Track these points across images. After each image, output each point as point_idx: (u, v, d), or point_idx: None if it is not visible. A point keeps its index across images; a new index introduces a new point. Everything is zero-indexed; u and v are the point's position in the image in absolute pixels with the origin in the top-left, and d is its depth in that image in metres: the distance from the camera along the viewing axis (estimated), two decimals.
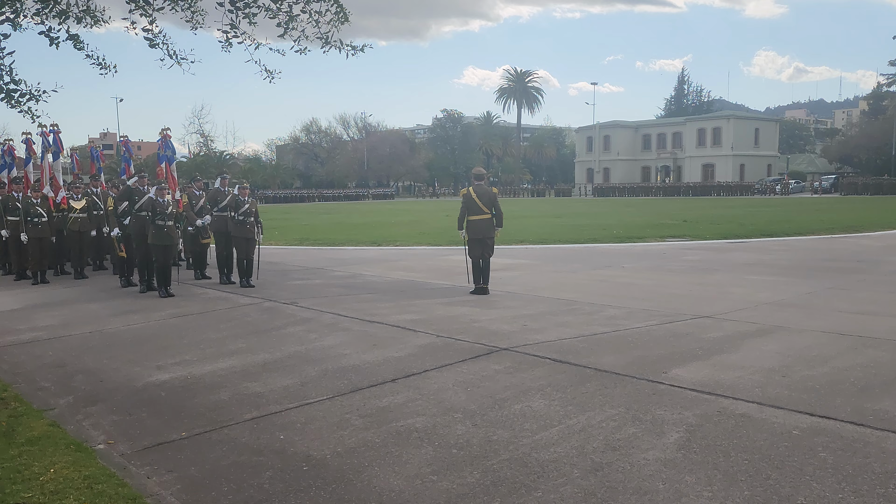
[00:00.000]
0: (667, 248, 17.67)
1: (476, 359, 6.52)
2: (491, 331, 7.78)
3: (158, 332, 8.33)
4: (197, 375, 6.33)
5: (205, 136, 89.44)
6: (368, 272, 13.70)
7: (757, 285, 10.94)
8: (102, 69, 6.27)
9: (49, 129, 14.52)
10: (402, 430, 4.74)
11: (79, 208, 13.83)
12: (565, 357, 6.45)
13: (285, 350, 7.17)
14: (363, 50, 6.62)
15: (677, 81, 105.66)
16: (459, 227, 11.04)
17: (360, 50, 6.60)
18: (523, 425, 4.72)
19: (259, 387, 5.89)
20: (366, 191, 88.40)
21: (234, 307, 9.87)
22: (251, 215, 11.76)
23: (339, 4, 6.24)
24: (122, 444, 4.70)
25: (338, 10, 6.26)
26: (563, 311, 9.00)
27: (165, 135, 14.85)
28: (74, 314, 9.77)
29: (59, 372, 6.67)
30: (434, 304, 9.75)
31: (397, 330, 7.96)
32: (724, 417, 4.73)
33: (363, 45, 6.60)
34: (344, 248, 19.49)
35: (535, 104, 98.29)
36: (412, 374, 6.09)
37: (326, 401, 5.45)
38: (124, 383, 6.20)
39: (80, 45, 6.04)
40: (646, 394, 5.29)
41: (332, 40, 6.51)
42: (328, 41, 6.51)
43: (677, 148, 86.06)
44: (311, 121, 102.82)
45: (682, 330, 7.65)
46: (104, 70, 6.27)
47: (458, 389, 5.59)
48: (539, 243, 19.48)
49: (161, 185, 11.22)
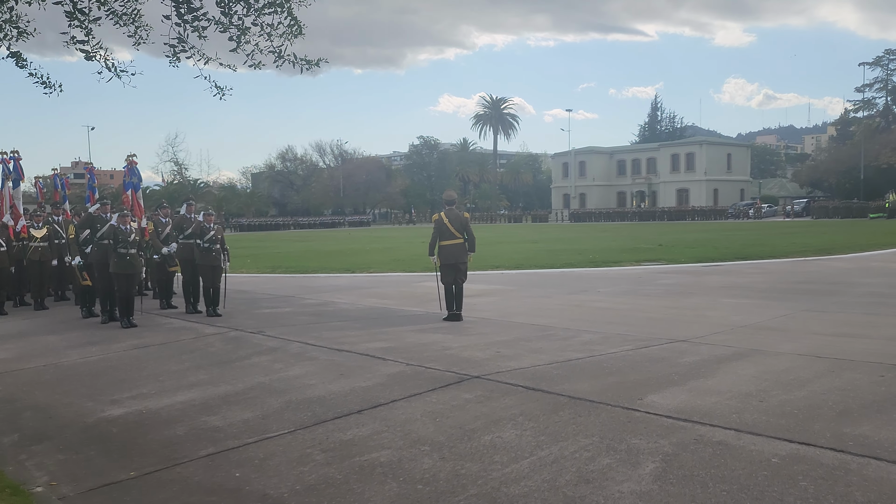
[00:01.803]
0: (642, 272, 17.61)
1: (446, 388, 6.29)
2: (463, 358, 7.56)
3: (117, 365, 7.99)
4: (153, 410, 6.02)
5: (179, 164, 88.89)
6: (340, 300, 13.43)
7: (732, 308, 10.86)
8: (46, 88, 6.03)
9: (9, 157, 14.14)
10: (366, 465, 4.48)
11: (39, 237, 13.44)
12: (538, 384, 6.24)
13: (248, 381, 6.88)
14: (318, 64, 6.42)
15: (651, 108, 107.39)
16: (430, 252, 10.85)
17: (314, 64, 6.41)
18: (493, 457, 4.50)
19: (218, 420, 5.60)
20: (342, 218, 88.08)
21: (198, 337, 9.55)
22: (217, 242, 11.47)
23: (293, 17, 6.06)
24: (65, 485, 4.39)
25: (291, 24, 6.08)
26: (538, 337, 8.81)
27: (131, 161, 14.52)
28: (31, 347, 9.37)
29: (6, 408, 6.32)
30: (405, 332, 9.51)
31: (366, 358, 7.71)
32: (701, 446, 4.54)
33: (318, 60, 6.41)
34: (317, 276, 19.19)
35: (511, 131, 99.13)
36: (379, 404, 5.84)
37: (287, 434, 5.18)
38: (75, 419, 5.87)
39: (22, 62, 5.79)
40: (621, 422, 5.10)
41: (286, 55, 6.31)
42: (281, 55, 6.31)
43: (652, 173, 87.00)
44: (286, 148, 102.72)
45: (657, 354, 7.49)
46: (48, 89, 6.03)
47: (426, 420, 5.35)
48: (515, 268, 19.34)
49: (123, 213, 10.90)
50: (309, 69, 6.37)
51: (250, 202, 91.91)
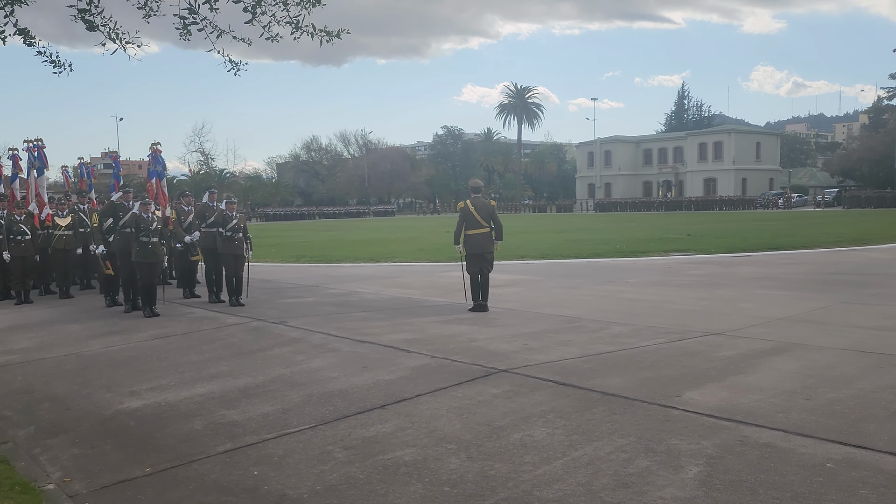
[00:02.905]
0: (671, 262, 17.20)
1: (472, 382, 6.05)
2: (489, 351, 7.31)
3: (137, 355, 7.86)
4: (171, 402, 5.86)
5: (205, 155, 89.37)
6: (364, 289, 13.24)
7: (767, 300, 10.48)
8: (56, 67, 5.86)
9: (34, 144, 14.13)
10: (390, 465, 4.26)
11: (64, 225, 13.41)
12: (568, 379, 5.98)
13: (269, 373, 6.70)
14: (339, 35, 6.13)
15: (677, 96, 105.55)
16: (456, 241, 10.60)
17: (335, 35, 6.11)
18: (523, 458, 4.25)
19: (237, 415, 5.42)
20: (366, 208, 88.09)
21: (219, 327, 9.41)
22: (239, 231, 11.32)
23: None
24: (78, 481, 4.23)
25: None
26: (566, 329, 8.53)
27: (155, 150, 14.47)
28: (53, 336, 9.30)
29: (24, 399, 6.21)
30: (430, 323, 9.28)
31: (390, 351, 7.50)
32: (746, 448, 4.25)
33: (339, 31, 6.11)
34: (341, 265, 19.04)
35: (536, 120, 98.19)
36: (403, 399, 5.62)
37: (308, 430, 4.97)
38: (92, 411, 5.73)
39: (30, 40, 5.60)
40: (658, 420, 4.82)
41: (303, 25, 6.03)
42: (298, 26, 6.03)
43: (679, 162, 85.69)
44: (311, 138, 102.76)
45: (692, 348, 7.18)
46: (58, 69, 5.85)
47: (452, 416, 5.11)
48: (540, 258, 19.03)
49: (145, 201, 10.79)
50: (329, 40, 6.09)
51: (276, 192, 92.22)
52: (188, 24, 5.75)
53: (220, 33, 5.97)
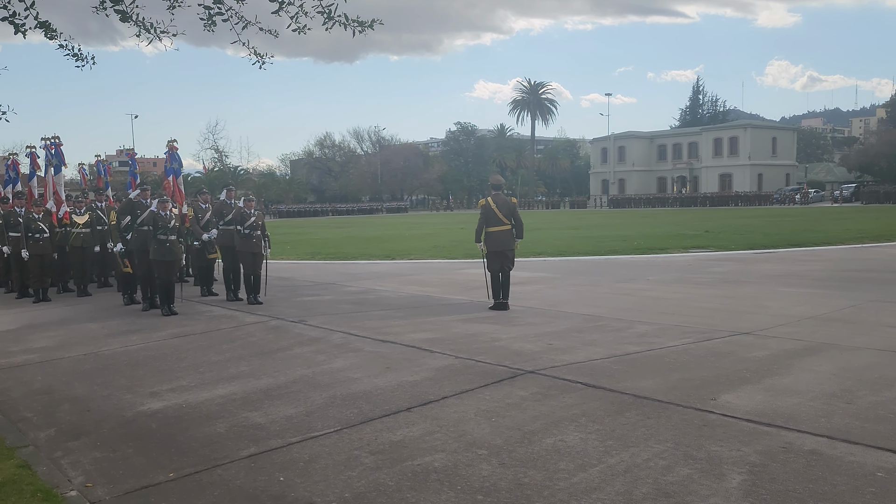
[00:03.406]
0: (691, 259, 16.98)
1: (499, 383, 5.91)
2: (514, 351, 7.17)
3: (157, 355, 7.78)
4: (193, 404, 5.76)
5: (219, 152, 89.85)
6: (381, 287, 13.13)
7: (793, 298, 10.27)
8: (78, 61, 5.75)
9: (51, 142, 14.11)
10: (419, 471, 4.14)
11: (82, 223, 13.39)
12: (598, 381, 5.82)
13: (290, 374, 6.59)
14: (372, 27, 5.96)
15: (692, 91, 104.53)
16: (477, 239, 10.46)
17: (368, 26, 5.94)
18: (558, 465, 4.11)
19: (259, 417, 5.31)
20: (380, 204, 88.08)
21: (238, 326, 9.32)
22: (257, 228, 11.23)
23: None
24: (100, 487, 4.13)
25: None
26: (590, 328, 8.38)
27: (172, 147, 14.37)
28: (71, 335, 9.25)
29: (44, 400, 6.13)
30: (451, 322, 9.15)
31: (412, 350, 7.37)
32: (791, 455, 4.09)
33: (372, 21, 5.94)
34: (357, 262, 18.95)
35: (549, 116, 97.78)
36: (429, 401, 5.49)
37: (333, 434, 4.85)
38: (113, 413, 5.64)
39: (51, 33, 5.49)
40: (695, 425, 4.66)
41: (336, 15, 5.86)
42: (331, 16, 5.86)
43: (693, 158, 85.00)
44: (324, 135, 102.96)
45: (722, 348, 7.00)
46: (80, 62, 5.75)
47: (480, 420, 4.98)
48: (558, 255, 18.86)
49: (163, 198, 10.72)
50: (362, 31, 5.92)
51: (289, 189, 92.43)
52: (213, 14, 5.60)
53: (245, 24, 5.82)
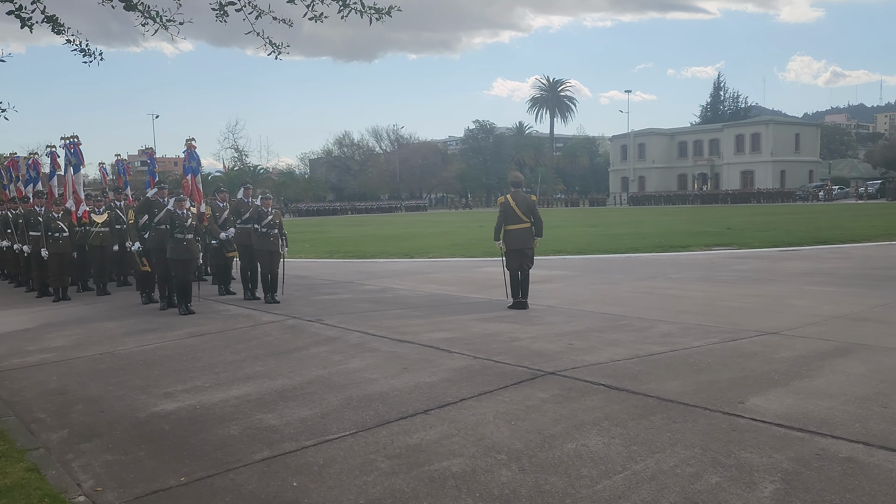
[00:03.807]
0: (714, 257, 16.69)
1: (519, 385, 5.76)
2: (533, 351, 7.01)
3: (172, 354, 7.72)
4: (207, 405, 5.67)
5: (239, 151, 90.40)
6: (399, 285, 13.02)
7: (820, 297, 10.01)
8: (86, 56, 5.68)
9: (70, 142, 14.16)
10: (437, 476, 4.00)
11: (100, 222, 13.41)
12: (621, 383, 5.65)
13: (306, 374, 6.48)
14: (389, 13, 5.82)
15: (713, 88, 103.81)
16: (496, 237, 10.30)
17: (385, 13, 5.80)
18: (580, 471, 3.95)
19: (274, 419, 5.21)
20: (398, 203, 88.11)
21: (255, 325, 9.25)
22: (275, 227, 11.16)
23: None
24: (110, 491, 4.04)
25: None
26: (611, 328, 8.20)
27: (190, 145, 14.37)
28: (88, 334, 9.24)
29: (59, 400, 6.08)
30: (469, 321, 9.01)
31: (430, 350, 7.24)
32: (825, 462, 3.90)
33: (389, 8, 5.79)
34: (375, 261, 18.87)
35: (568, 113, 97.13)
36: (447, 403, 5.35)
37: (349, 437, 4.73)
38: (127, 414, 5.57)
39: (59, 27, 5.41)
40: (724, 430, 4.48)
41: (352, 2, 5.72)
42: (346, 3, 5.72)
43: (715, 155, 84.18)
44: (343, 134, 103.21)
45: (748, 349, 6.80)
46: (88, 58, 5.68)
47: (500, 423, 4.83)
48: (577, 253, 18.65)
49: (180, 197, 10.68)
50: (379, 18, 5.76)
51: (308, 187, 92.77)
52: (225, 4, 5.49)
53: (259, 14, 5.71)
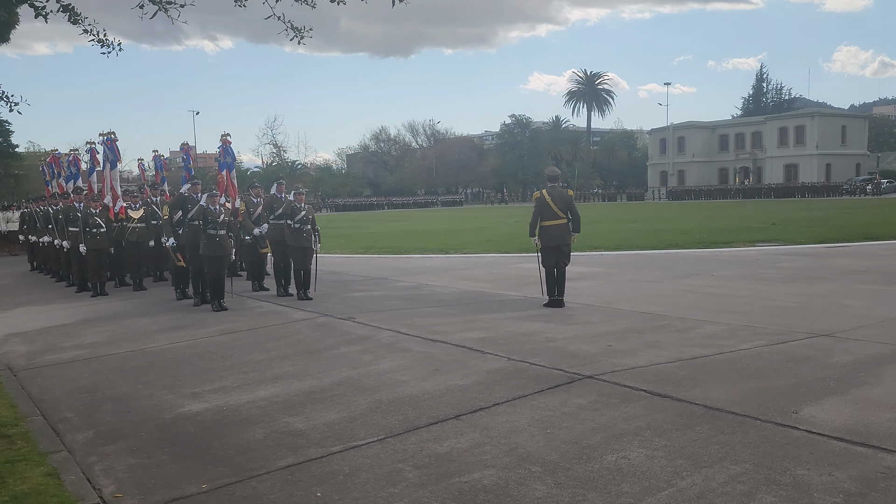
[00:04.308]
0: (758, 253, 16.14)
1: (555, 389, 5.50)
2: (570, 353, 6.74)
3: (202, 352, 7.63)
4: (233, 406, 5.54)
5: (277, 147, 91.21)
6: (433, 282, 12.82)
7: (873, 296, 9.52)
8: (104, 47, 5.57)
9: (107, 138, 14.26)
10: (466, 489, 3.78)
11: (137, 218, 13.48)
12: (663, 389, 5.36)
13: (335, 375, 6.32)
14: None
15: (755, 79, 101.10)
16: (531, 233, 10.01)
17: None
18: (620, 487, 3.69)
19: (300, 422, 5.04)
20: (434, 198, 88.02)
21: (286, 323, 9.13)
22: (308, 223, 11.04)
23: None
24: (130, 497, 3.91)
25: None
26: (652, 329, 7.87)
27: (225, 140, 14.36)
28: (122, 330, 9.23)
29: (87, 399, 6.01)
30: (503, 320, 8.76)
31: (462, 351, 7.02)
32: (894, 483, 3.58)
33: None
34: (410, 257, 18.71)
35: (606, 107, 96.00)
36: (479, 408, 5.13)
37: (376, 443, 4.54)
38: (153, 414, 5.46)
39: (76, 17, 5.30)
40: (777, 443, 4.17)
41: None
42: None
43: (757, 148, 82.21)
44: (380, 129, 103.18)
45: (800, 353, 6.43)
46: (106, 49, 5.57)
47: (534, 431, 4.59)
48: (615, 250, 18.22)
49: (212, 193, 10.61)
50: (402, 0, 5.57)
51: (345, 183, 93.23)
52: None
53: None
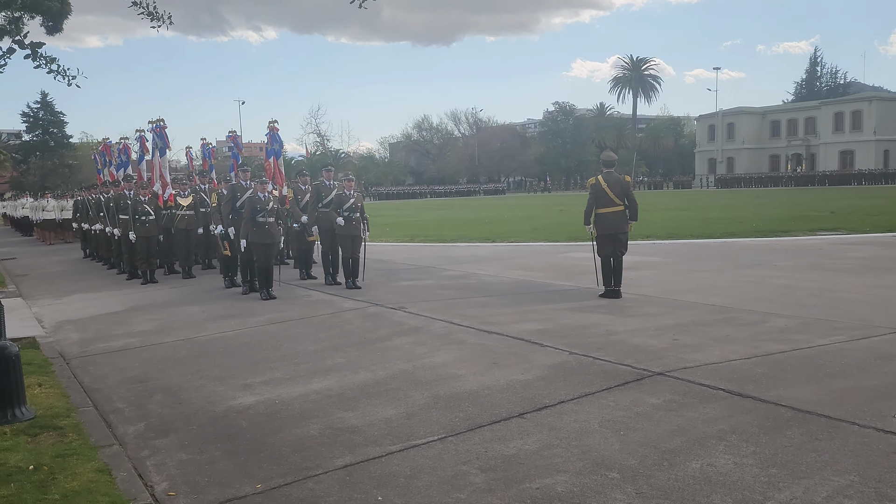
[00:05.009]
0: (821, 242, 15.43)
1: (624, 387, 5.17)
2: (634, 346, 6.39)
3: (252, 342, 7.48)
4: (286, 399, 5.34)
5: (321, 136, 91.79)
6: (482, 271, 12.53)
7: None
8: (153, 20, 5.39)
9: (156, 125, 14.28)
10: (539, 497, 3.49)
11: (186, 206, 13.47)
12: (743, 388, 4.98)
13: (389, 368, 6.08)
14: None
15: (809, 63, 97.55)
16: (586, 221, 9.63)
17: None
18: (710, 498, 3.36)
19: (356, 418, 4.82)
20: (477, 186, 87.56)
21: (336, 312, 8.94)
22: (356, 211, 10.84)
23: None
24: (182, 497, 3.73)
25: None
26: (718, 321, 7.46)
27: (272, 128, 14.29)
28: (172, 318, 9.16)
29: (138, 389, 5.89)
30: (559, 310, 8.43)
31: (520, 343, 6.72)
32: None
33: None
34: (456, 245, 18.44)
35: (653, 93, 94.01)
36: (544, 406, 4.83)
37: (437, 443, 4.28)
38: (204, 406, 5.30)
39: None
40: (881, 452, 3.78)
41: None
42: None
43: (811, 134, 79.63)
44: (422, 118, 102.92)
45: (886, 349, 5.97)
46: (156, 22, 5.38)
47: (606, 433, 4.27)
48: (668, 238, 17.65)
49: (261, 180, 10.48)
50: None
51: (388, 171, 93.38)
52: None
53: None
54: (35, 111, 63.75)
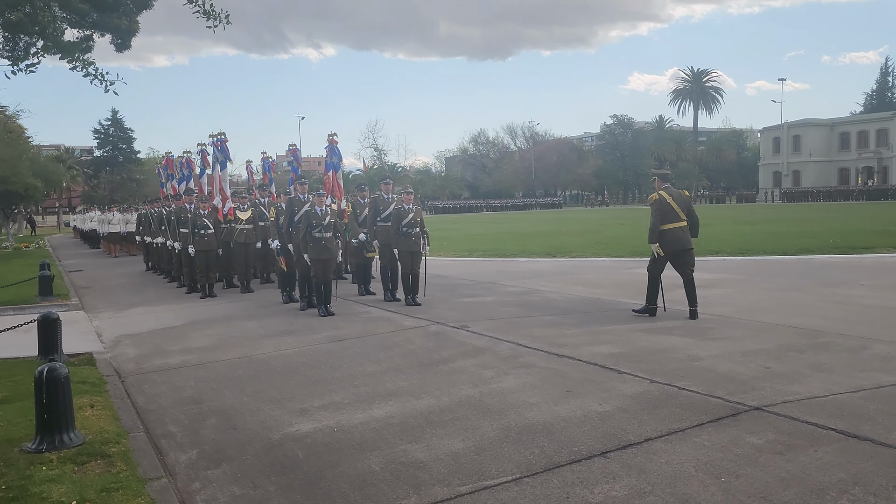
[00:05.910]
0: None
1: (718, 423, 4.64)
2: (722, 375, 5.83)
3: (310, 361, 7.18)
4: (345, 427, 4.99)
5: (378, 150, 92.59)
6: (545, 287, 12.05)
7: None
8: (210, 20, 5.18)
9: (217, 139, 14.29)
10: None
11: (245, 219, 13.40)
12: (857, 428, 4.40)
13: (455, 393, 5.68)
14: None
15: (879, 73, 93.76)
16: (652, 240, 9.02)
17: None
18: None
19: (421, 451, 4.42)
20: (533, 200, 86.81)
21: (396, 331, 8.60)
22: (416, 226, 10.50)
23: None
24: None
25: None
26: (811, 347, 6.82)
27: (332, 140, 14.11)
28: (230, 333, 8.97)
29: (192, 412, 5.63)
30: (633, 331, 7.90)
31: (594, 369, 6.23)
32: None
33: None
34: (515, 260, 17.96)
35: (714, 105, 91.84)
36: (629, 444, 4.35)
37: (512, 484, 3.85)
38: (259, 433, 4.99)
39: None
40: None
41: None
42: None
43: (882, 146, 76.36)
44: (478, 132, 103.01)
45: None
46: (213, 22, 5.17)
47: (705, 479, 3.77)
48: (738, 255, 16.81)
49: (319, 193, 10.26)
50: None
51: (444, 185, 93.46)
52: None
53: None
54: (105, 128, 66.30)
